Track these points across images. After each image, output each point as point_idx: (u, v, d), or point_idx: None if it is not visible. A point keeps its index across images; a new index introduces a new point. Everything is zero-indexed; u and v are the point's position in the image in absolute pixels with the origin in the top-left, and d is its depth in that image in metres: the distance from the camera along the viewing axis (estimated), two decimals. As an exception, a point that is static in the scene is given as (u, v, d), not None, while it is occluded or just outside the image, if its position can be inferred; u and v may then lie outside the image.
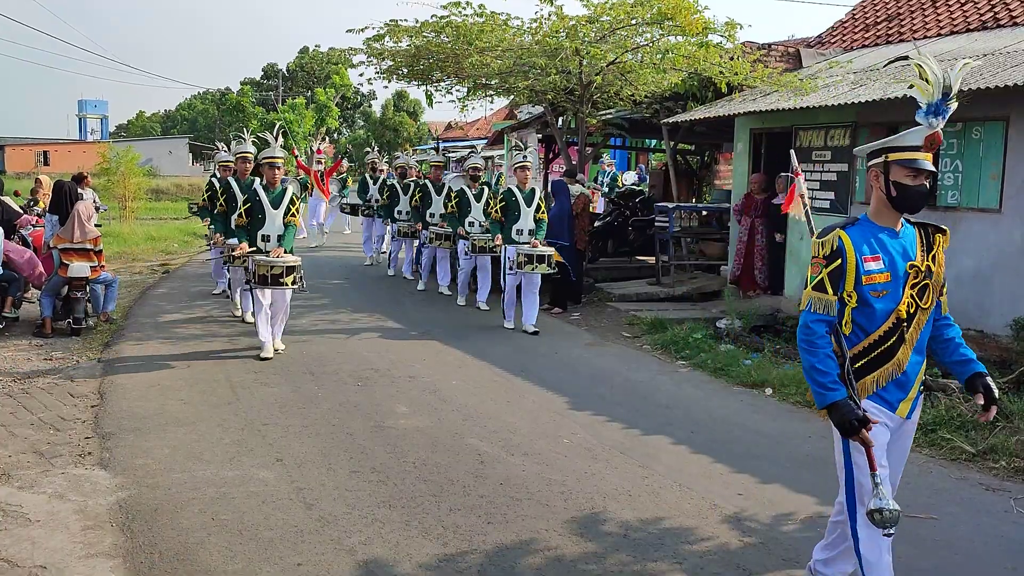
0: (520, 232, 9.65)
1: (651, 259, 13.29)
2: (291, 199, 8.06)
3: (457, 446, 5.73)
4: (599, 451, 5.72)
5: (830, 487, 5.16)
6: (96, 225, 9.99)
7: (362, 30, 12.47)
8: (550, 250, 9.53)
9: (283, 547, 4.19)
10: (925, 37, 11.93)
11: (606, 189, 17.77)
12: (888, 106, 8.98)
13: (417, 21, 12.08)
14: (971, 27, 11.37)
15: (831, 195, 10.25)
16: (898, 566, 4.16)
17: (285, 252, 7.87)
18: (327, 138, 48.91)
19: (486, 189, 11.16)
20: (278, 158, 8.06)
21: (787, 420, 6.62)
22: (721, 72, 10.85)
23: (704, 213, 14.36)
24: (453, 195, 11.22)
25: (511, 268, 9.61)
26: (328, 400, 6.69)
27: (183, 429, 5.95)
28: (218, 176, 11.12)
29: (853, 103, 9.25)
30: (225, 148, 12.39)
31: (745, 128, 11.92)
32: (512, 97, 14.67)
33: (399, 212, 13.64)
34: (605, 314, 10.91)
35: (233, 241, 8.72)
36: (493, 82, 12.96)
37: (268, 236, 8.00)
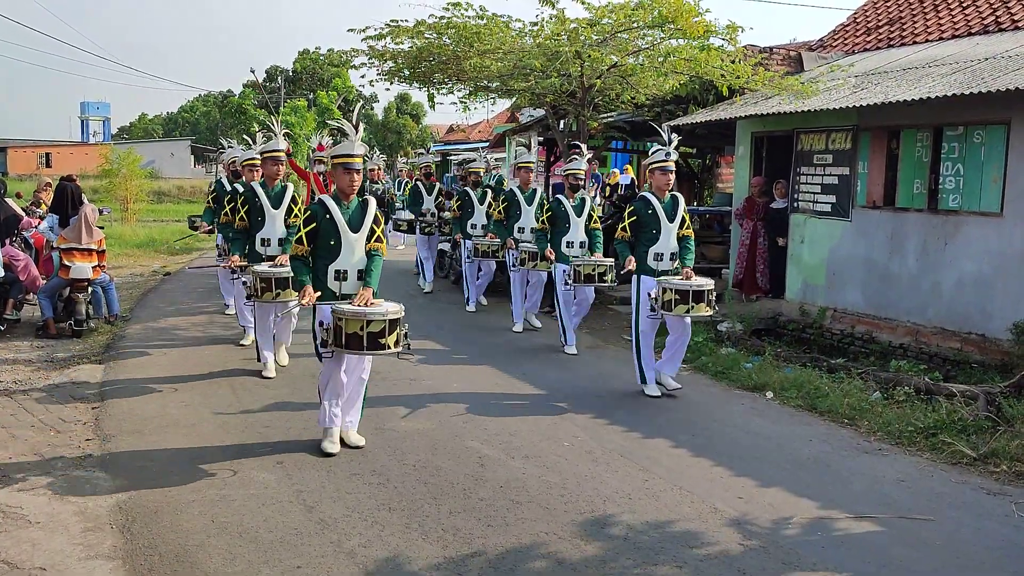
0: (660, 257, 7.10)
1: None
2: (375, 217, 5.58)
3: (457, 449, 5.72)
4: (599, 454, 5.72)
5: (831, 490, 5.17)
6: (99, 227, 10.01)
7: (363, 30, 12.48)
8: (708, 282, 6.92)
9: (283, 549, 4.18)
10: (927, 41, 11.93)
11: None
12: (890, 110, 8.98)
13: (417, 21, 12.09)
14: (972, 31, 11.37)
15: (832, 198, 10.25)
16: (899, 569, 4.16)
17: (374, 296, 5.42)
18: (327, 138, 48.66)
19: (587, 200, 8.79)
20: (357, 157, 5.50)
21: (788, 423, 6.61)
22: (722, 75, 10.85)
23: (706, 216, 14.38)
24: (546, 207, 8.95)
25: (651, 309, 7.03)
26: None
27: (183, 431, 5.95)
28: (230, 179, 9.90)
29: (854, 107, 9.25)
30: (235, 145, 10.97)
31: (746, 131, 11.93)
32: (514, 99, 14.67)
33: (473, 226, 11.00)
34: (606, 317, 10.90)
35: (262, 267, 6.98)
36: (494, 84, 12.97)
37: (344, 272, 5.47)
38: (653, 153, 7.30)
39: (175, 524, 4.44)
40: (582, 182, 8.83)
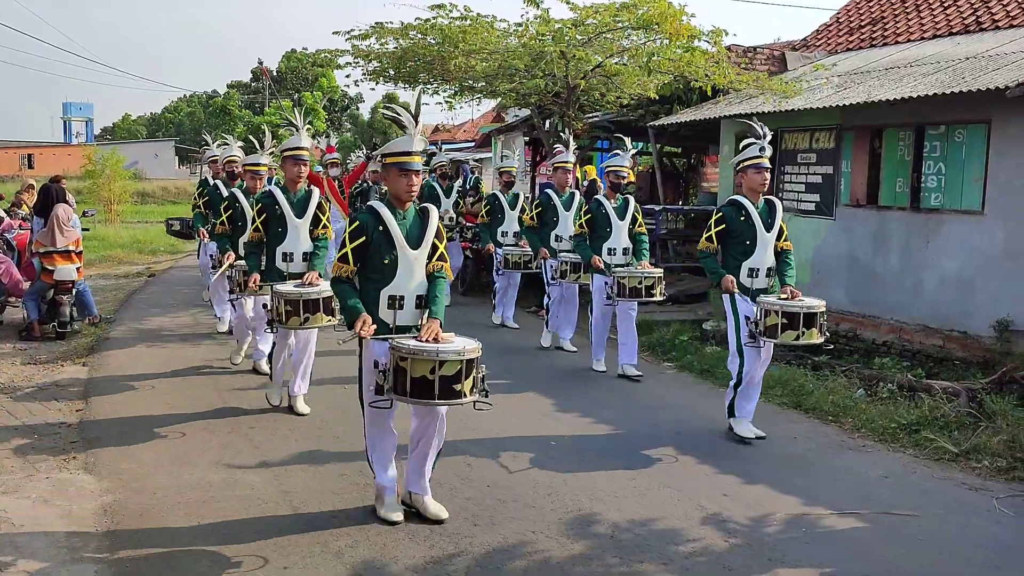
0: (755, 273, 6.01)
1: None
2: (437, 230, 4.60)
3: (444, 448, 5.71)
4: (586, 453, 5.73)
5: (815, 487, 5.21)
6: (84, 229, 9.94)
7: (348, 32, 12.47)
8: (819, 302, 5.80)
9: (270, 550, 4.17)
10: (909, 40, 12.02)
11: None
12: (872, 109, 9.04)
13: (402, 23, 12.09)
14: (954, 31, 11.47)
15: (816, 197, 10.31)
16: (884, 566, 4.20)
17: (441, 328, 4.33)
18: (319, 138, 48.44)
19: (631, 201, 7.85)
20: (416, 155, 4.48)
21: (772, 422, 6.63)
22: (707, 75, 10.90)
23: (691, 215, 14.45)
24: (584, 209, 7.93)
25: (750, 336, 5.88)
26: (315, 403, 6.66)
27: (169, 433, 5.92)
28: (224, 181, 8.98)
29: (837, 106, 9.31)
30: (230, 142, 9.64)
31: (731, 131, 11.98)
32: (499, 100, 14.68)
33: (504, 234, 9.84)
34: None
35: (287, 287, 5.89)
36: (479, 84, 12.98)
37: (400, 298, 4.45)
38: (744, 148, 6.13)
39: (160, 526, 4.42)
40: (625, 180, 7.79)
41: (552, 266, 8.54)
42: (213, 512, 4.60)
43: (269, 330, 6.29)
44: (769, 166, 6.07)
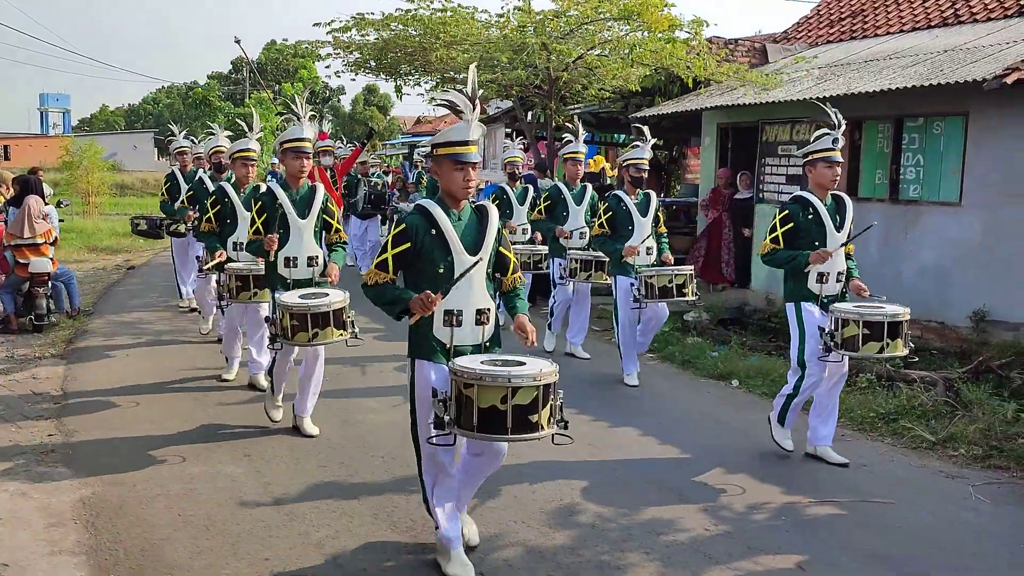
0: (824, 278, 5.40)
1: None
2: (498, 234, 3.98)
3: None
4: (568, 444, 5.72)
5: (796, 476, 5.25)
6: (60, 220, 9.83)
7: (329, 23, 12.40)
8: (902, 310, 5.23)
9: (250, 542, 4.16)
10: (888, 33, 12.09)
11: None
12: (852, 101, 9.09)
13: (383, 14, 12.05)
14: (932, 23, 11.55)
15: (797, 189, 10.35)
16: (862, 553, 4.25)
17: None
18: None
19: (652, 196, 7.23)
20: (473, 145, 3.83)
21: (753, 411, 6.68)
22: (687, 67, 10.92)
23: (673, 207, 14.49)
24: (604, 206, 7.27)
25: (826, 349, 5.24)
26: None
27: (148, 426, 5.88)
28: (198, 173, 8.68)
29: (818, 98, 9.34)
30: (217, 133, 8.72)
31: (712, 123, 12.02)
32: (481, 91, 14.63)
33: (512, 231, 8.92)
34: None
35: (291, 297, 5.25)
36: (461, 76, 12.94)
37: (459, 314, 3.90)
38: (817, 140, 5.44)
39: (140, 519, 4.40)
40: (645, 174, 7.18)
41: (561, 264, 8.05)
42: (193, 504, 4.58)
43: (272, 347, 5.52)
44: (842, 160, 5.45)
